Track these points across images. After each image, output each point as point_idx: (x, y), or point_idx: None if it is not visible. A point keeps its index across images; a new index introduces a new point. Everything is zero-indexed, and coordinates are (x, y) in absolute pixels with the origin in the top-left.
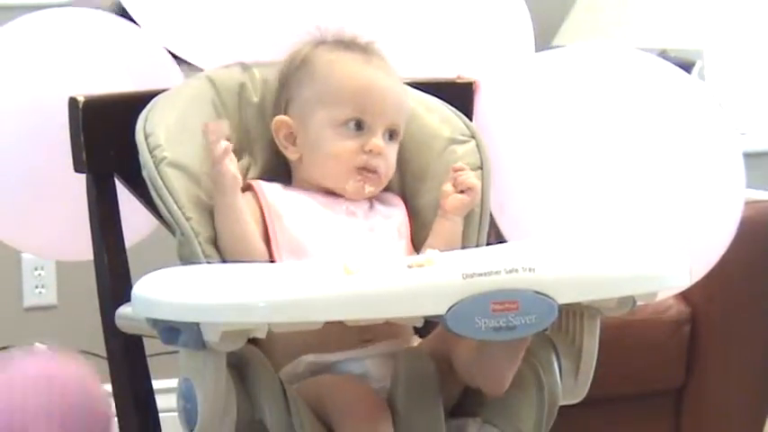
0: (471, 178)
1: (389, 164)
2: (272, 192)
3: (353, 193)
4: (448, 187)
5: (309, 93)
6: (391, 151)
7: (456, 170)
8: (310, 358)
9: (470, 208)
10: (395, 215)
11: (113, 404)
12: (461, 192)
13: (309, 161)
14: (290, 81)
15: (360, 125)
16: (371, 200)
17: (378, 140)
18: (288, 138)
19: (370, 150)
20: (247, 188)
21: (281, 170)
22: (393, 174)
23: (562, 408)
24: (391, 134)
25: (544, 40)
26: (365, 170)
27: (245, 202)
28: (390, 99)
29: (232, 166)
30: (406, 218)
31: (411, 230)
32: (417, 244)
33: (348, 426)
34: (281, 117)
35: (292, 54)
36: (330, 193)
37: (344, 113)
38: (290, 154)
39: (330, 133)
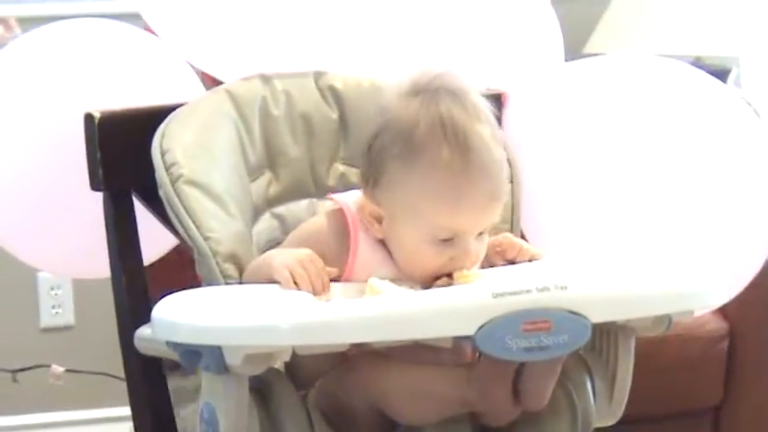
0: (531, 250)
1: (476, 259)
2: (366, 244)
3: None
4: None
5: (402, 189)
6: (481, 245)
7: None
8: None
9: None
10: None
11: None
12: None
13: (392, 248)
14: (383, 154)
15: (451, 237)
16: None
17: (468, 248)
18: (374, 215)
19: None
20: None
21: (304, 189)
22: None
23: (597, 429)
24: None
25: (574, 48)
26: (447, 272)
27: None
28: (488, 201)
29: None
30: None
31: None
32: None
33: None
34: (369, 205)
35: (386, 116)
36: None
37: (437, 232)
38: (375, 232)
39: (418, 240)
